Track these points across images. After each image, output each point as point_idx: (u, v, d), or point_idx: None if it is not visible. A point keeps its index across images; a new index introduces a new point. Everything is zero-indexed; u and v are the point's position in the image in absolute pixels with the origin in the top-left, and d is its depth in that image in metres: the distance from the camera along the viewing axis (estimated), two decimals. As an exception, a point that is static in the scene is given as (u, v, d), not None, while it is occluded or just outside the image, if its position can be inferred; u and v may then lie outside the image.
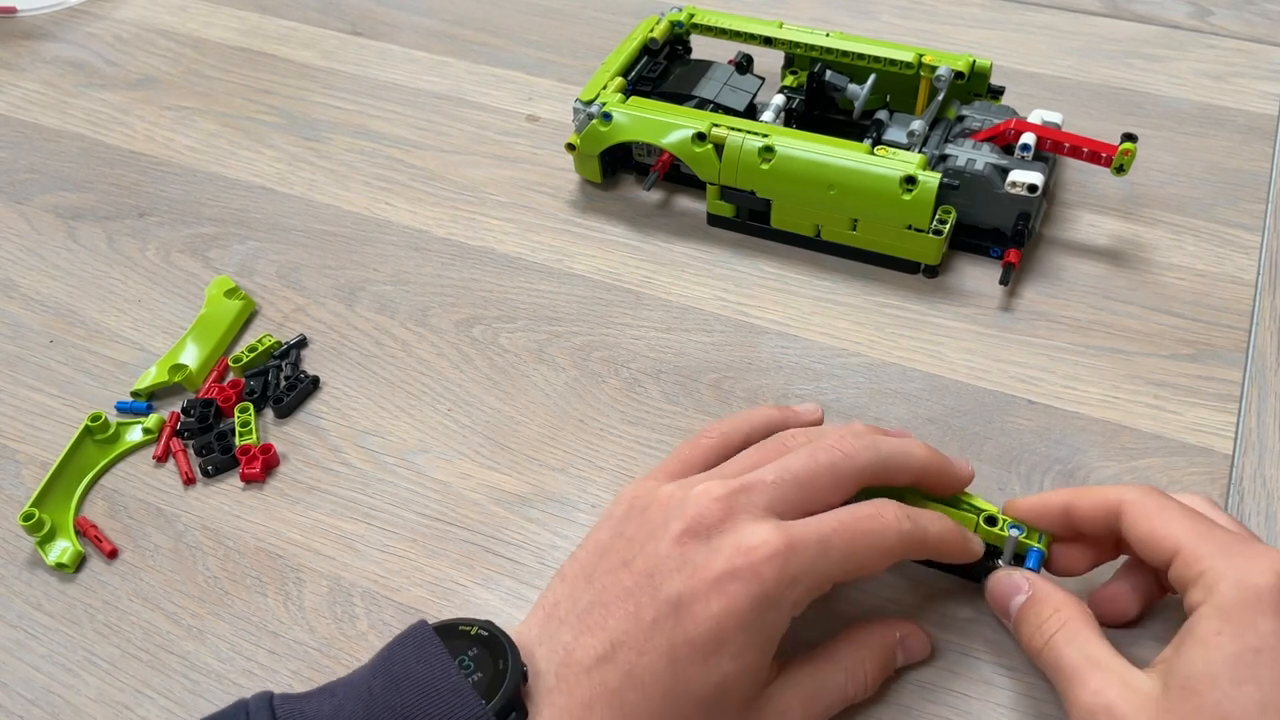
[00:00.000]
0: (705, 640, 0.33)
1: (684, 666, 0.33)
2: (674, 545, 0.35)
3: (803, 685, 0.37)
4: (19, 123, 0.69)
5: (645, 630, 0.34)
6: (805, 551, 0.35)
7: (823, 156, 0.53)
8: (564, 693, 0.34)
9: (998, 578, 0.39)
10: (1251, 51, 0.67)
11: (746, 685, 0.35)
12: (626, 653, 0.34)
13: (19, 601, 0.45)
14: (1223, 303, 0.52)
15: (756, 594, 0.34)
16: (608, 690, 0.33)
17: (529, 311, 0.54)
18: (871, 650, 0.39)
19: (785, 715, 0.36)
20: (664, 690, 0.33)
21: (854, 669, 0.38)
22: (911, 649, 0.40)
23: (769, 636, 0.35)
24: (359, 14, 0.77)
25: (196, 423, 0.50)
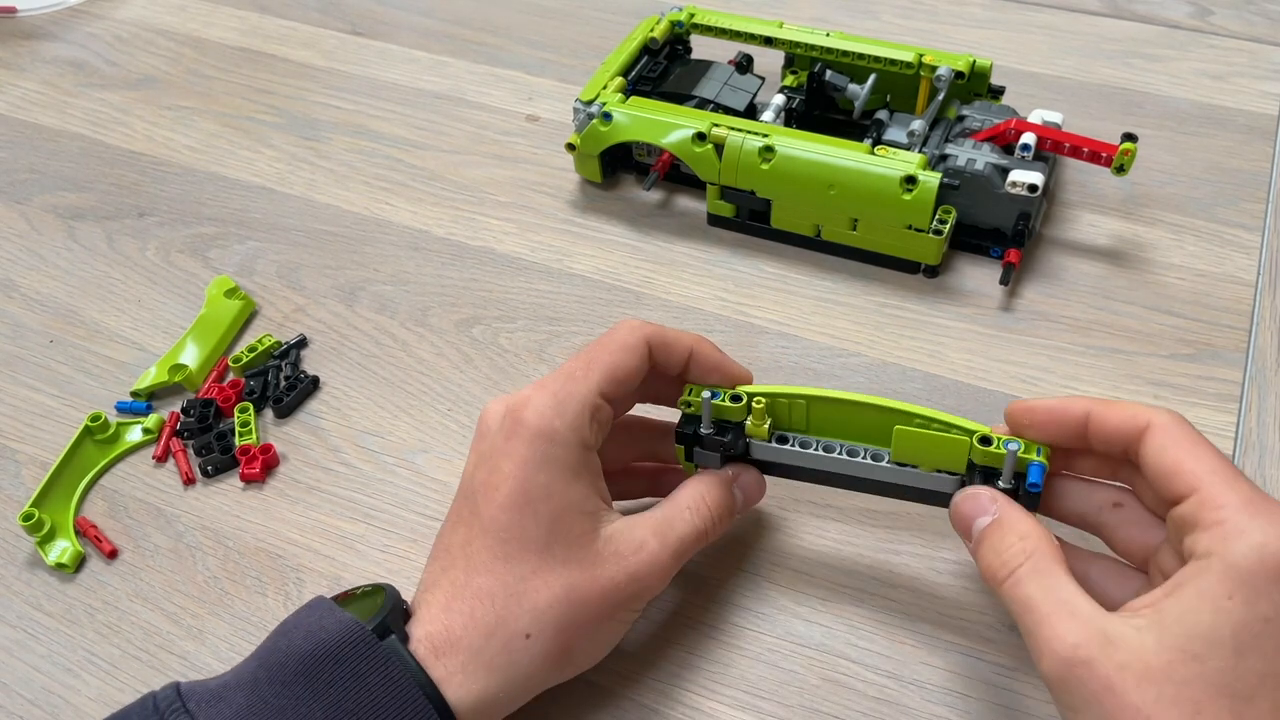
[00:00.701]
0: (513, 497, 0.36)
1: (508, 529, 0.36)
2: (471, 456, 0.38)
3: (649, 520, 0.38)
4: (19, 123, 0.69)
5: (467, 527, 0.36)
6: (551, 383, 0.37)
7: (823, 156, 0.53)
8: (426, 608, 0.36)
9: (965, 495, 0.37)
10: (1251, 51, 0.67)
11: (575, 519, 0.36)
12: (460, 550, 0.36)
13: (19, 601, 0.45)
14: (1223, 303, 0.52)
15: (530, 435, 0.36)
16: (456, 586, 0.36)
17: (529, 311, 0.54)
18: (707, 486, 0.40)
19: (642, 548, 0.37)
20: (505, 559, 0.35)
21: (695, 504, 0.39)
22: (746, 485, 0.41)
23: (570, 467, 0.36)
24: (359, 14, 0.77)
25: (196, 423, 0.50)
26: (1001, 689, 0.40)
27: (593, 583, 0.36)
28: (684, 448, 0.40)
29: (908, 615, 0.42)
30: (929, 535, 0.44)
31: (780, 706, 0.40)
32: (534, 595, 0.35)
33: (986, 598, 0.42)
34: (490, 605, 0.35)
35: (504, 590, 0.35)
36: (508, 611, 0.35)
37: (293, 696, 0.33)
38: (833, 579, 0.43)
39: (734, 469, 0.41)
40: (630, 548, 0.37)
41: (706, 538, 0.39)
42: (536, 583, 0.35)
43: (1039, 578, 0.32)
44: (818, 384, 0.50)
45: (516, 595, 0.35)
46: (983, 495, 0.36)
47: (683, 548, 0.38)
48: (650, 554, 0.37)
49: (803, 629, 0.42)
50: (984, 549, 0.35)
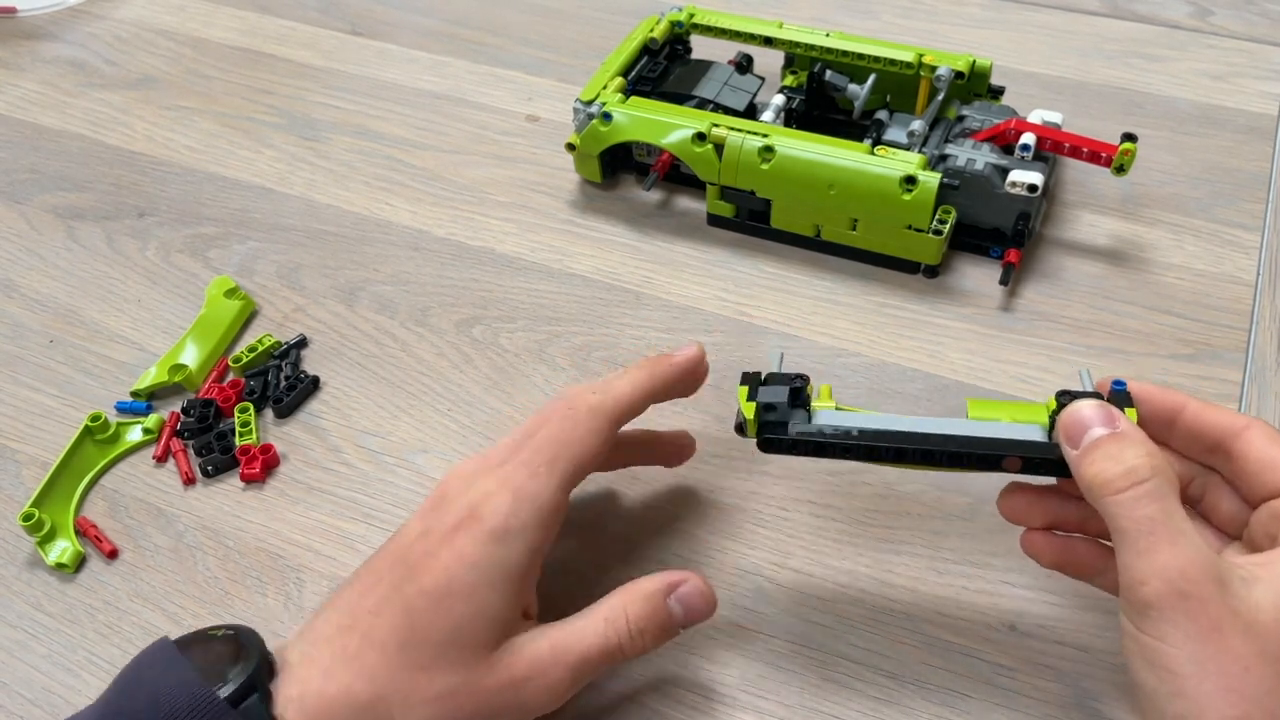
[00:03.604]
0: (437, 587, 0.35)
1: (419, 616, 0.34)
2: (419, 520, 0.37)
3: (552, 635, 0.36)
4: (19, 123, 0.69)
5: (382, 595, 0.35)
6: (515, 478, 0.36)
7: (823, 156, 0.53)
8: (307, 665, 0.35)
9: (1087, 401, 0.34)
10: (1251, 51, 0.67)
11: (484, 627, 0.35)
12: (365, 617, 0.35)
13: (19, 602, 0.45)
14: (1223, 303, 0.52)
15: (480, 533, 0.35)
16: (346, 654, 0.34)
17: (529, 311, 0.54)
18: (634, 599, 0.37)
19: (535, 663, 0.35)
20: (400, 642, 0.34)
21: (613, 618, 0.36)
22: (688, 599, 0.37)
23: (505, 575, 0.35)
24: (359, 14, 0.77)
25: (196, 423, 0.50)
26: (1001, 689, 0.40)
27: (474, 692, 0.35)
28: (747, 389, 0.37)
29: (908, 615, 0.42)
30: (929, 535, 0.44)
31: (780, 706, 0.40)
32: (413, 689, 0.34)
33: (986, 597, 0.42)
34: (369, 685, 0.34)
35: (388, 675, 0.34)
36: (384, 697, 0.34)
37: None
38: (833, 579, 0.43)
39: (674, 578, 0.37)
40: (524, 662, 0.35)
41: (621, 654, 0.36)
42: (421, 678, 0.34)
43: (1163, 499, 0.31)
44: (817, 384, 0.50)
45: (397, 684, 0.34)
46: (1108, 406, 0.34)
47: (584, 666, 0.36)
48: (542, 669, 0.35)
49: (803, 629, 0.42)
50: (1100, 455, 0.32)
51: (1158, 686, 0.30)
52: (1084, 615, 0.41)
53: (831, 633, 0.41)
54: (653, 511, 0.46)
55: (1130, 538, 0.31)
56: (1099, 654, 0.40)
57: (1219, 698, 0.29)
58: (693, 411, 0.49)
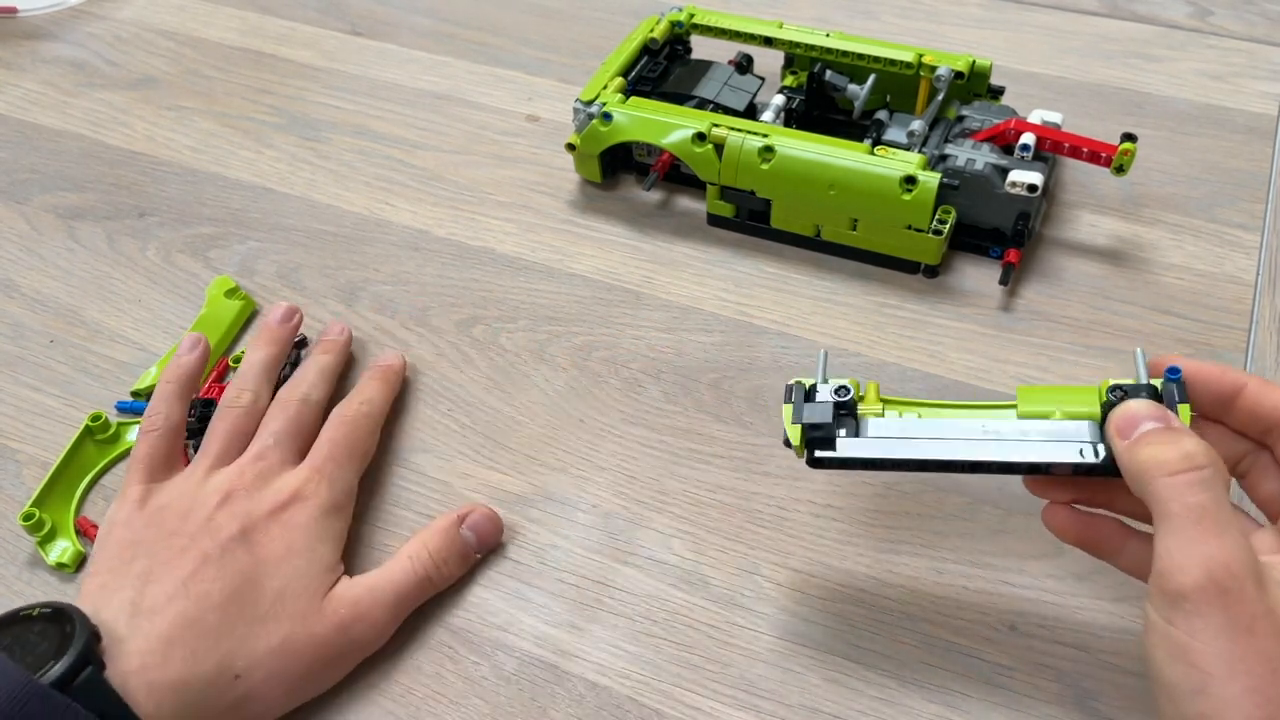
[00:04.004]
0: (277, 552, 0.40)
1: (261, 578, 0.39)
2: (219, 509, 0.41)
3: (367, 580, 0.41)
4: (19, 123, 0.69)
5: (216, 562, 0.39)
6: (327, 467, 0.44)
7: (823, 156, 0.53)
8: (140, 636, 0.36)
9: (1141, 402, 0.34)
10: (1251, 51, 0.67)
11: (317, 575, 0.40)
12: (199, 584, 0.38)
13: (20, 601, 0.44)
14: (1222, 303, 0.52)
15: (315, 507, 0.42)
16: (185, 620, 0.37)
17: (529, 311, 0.54)
18: (431, 535, 0.43)
19: (355, 604, 0.40)
20: (241, 601, 0.38)
21: (416, 553, 0.42)
22: (479, 525, 0.44)
23: (335, 535, 0.42)
24: (359, 14, 0.77)
25: (197, 423, 0.49)
26: (1001, 689, 0.40)
27: (309, 638, 0.39)
28: (791, 407, 0.37)
29: (908, 615, 0.42)
30: (929, 535, 0.44)
31: (780, 706, 0.40)
32: (254, 642, 0.38)
33: (987, 597, 0.42)
34: (214, 645, 0.37)
35: (229, 629, 0.37)
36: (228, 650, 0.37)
37: None
38: (833, 579, 0.43)
39: (463, 510, 0.44)
40: (346, 605, 0.40)
41: (430, 584, 0.42)
42: (259, 630, 0.38)
43: (1215, 490, 0.31)
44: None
45: (238, 638, 0.37)
46: (1161, 407, 0.34)
47: (401, 598, 0.41)
48: (363, 609, 0.40)
49: (803, 629, 0.42)
50: (1155, 439, 0.32)
51: (1181, 682, 0.29)
52: (1084, 615, 0.41)
53: (831, 633, 0.41)
54: (653, 510, 0.46)
55: (1176, 523, 0.30)
56: (1099, 654, 0.40)
57: (1244, 698, 0.28)
58: (693, 411, 0.49)
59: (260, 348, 0.49)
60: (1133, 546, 0.36)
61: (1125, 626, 0.41)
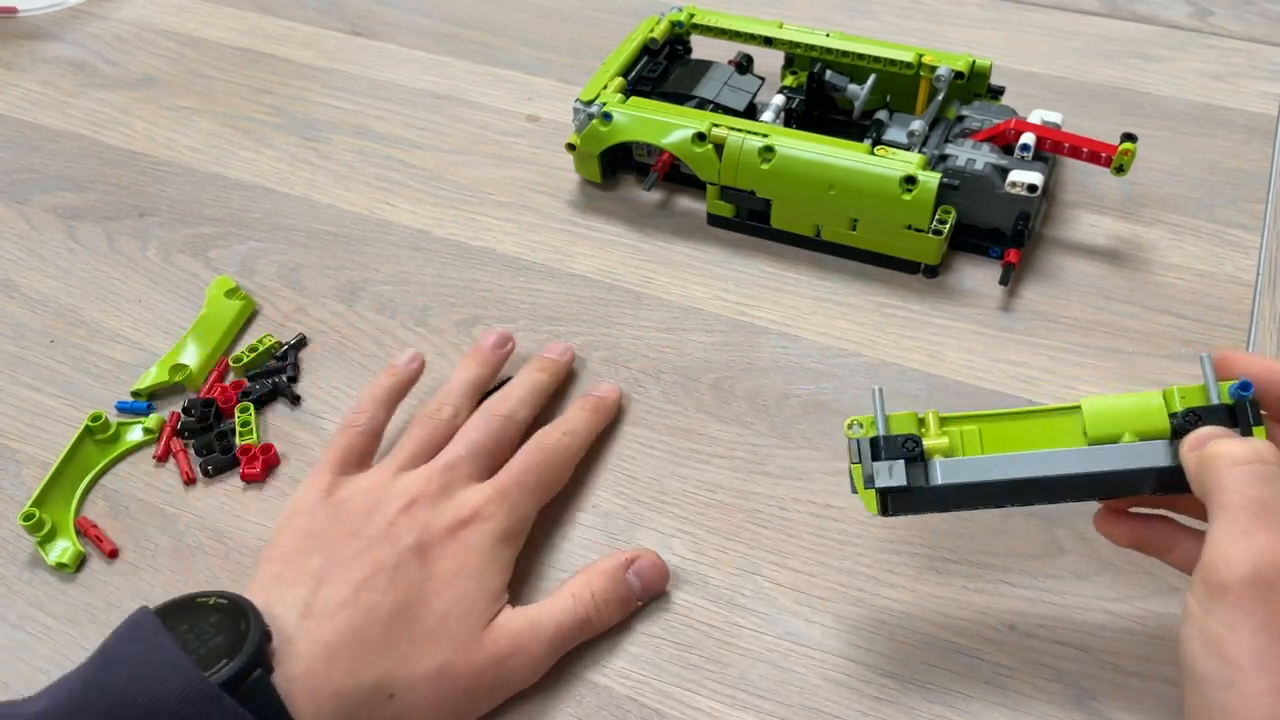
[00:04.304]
0: (448, 571, 0.39)
1: (429, 597, 0.39)
2: (401, 512, 0.41)
3: (529, 613, 0.40)
4: (19, 123, 0.69)
5: (389, 573, 0.38)
6: (513, 492, 0.42)
7: (823, 156, 0.53)
8: (307, 641, 0.36)
9: (1211, 427, 0.34)
10: (1251, 51, 0.67)
11: (484, 602, 0.39)
12: (370, 594, 0.38)
13: (20, 602, 0.45)
14: (1222, 303, 0.52)
15: (491, 531, 0.41)
16: (352, 630, 0.37)
17: (529, 311, 0.54)
18: (596, 575, 0.42)
19: (515, 638, 0.39)
20: (407, 619, 0.38)
21: (579, 593, 0.41)
22: (644, 571, 0.42)
23: (504, 563, 0.41)
24: (359, 14, 0.77)
25: (197, 423, 0.50)
26: (1001, 689, 0.40)
27: (466, 667, 0.38)
28: (859, 467, 0.36)
29: (908, 615, 0.42)
30: (929, 535, 0.44)
31: (780, 706, 0.40)
32: (413, 663, 0.37)
33: (987, 597, 0.42)
34: (374, 657, 0.37)
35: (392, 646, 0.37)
36: (387, 667, 0.37)
37: None
38: (833, 579, 0.43)
39: (630, 554, 0.43)
40: (507, 638, 0.39)
41: (589, 626, 0.41)
42: (419, 651, 0.37)
43: (1276, 488, 0.30)
44: (817, 384, 0.50)
45: (399, 656, 0.37)
46: (1230, 430, 0.34)
47: (560, 636, 0.40)
48: (522, 644, 0.39)
49: (803, 629, 0.42)
50: (1226, 440, 0.32)
51: (1212, 675, 0.29)
52: (1084, 615, 0.41)
53: (832, 633, 0.42)
54: (652, 510, 0.46)
55: (1232, 514, 0.30)
56: (1099, 654, 0.40)
57: (1269, 697, 0.28)
58: (693, 411, 0.49)
59: (470, 367, 0.48)
60: (1185, 544, 0.36)
61: (1125, 626, 0.41)
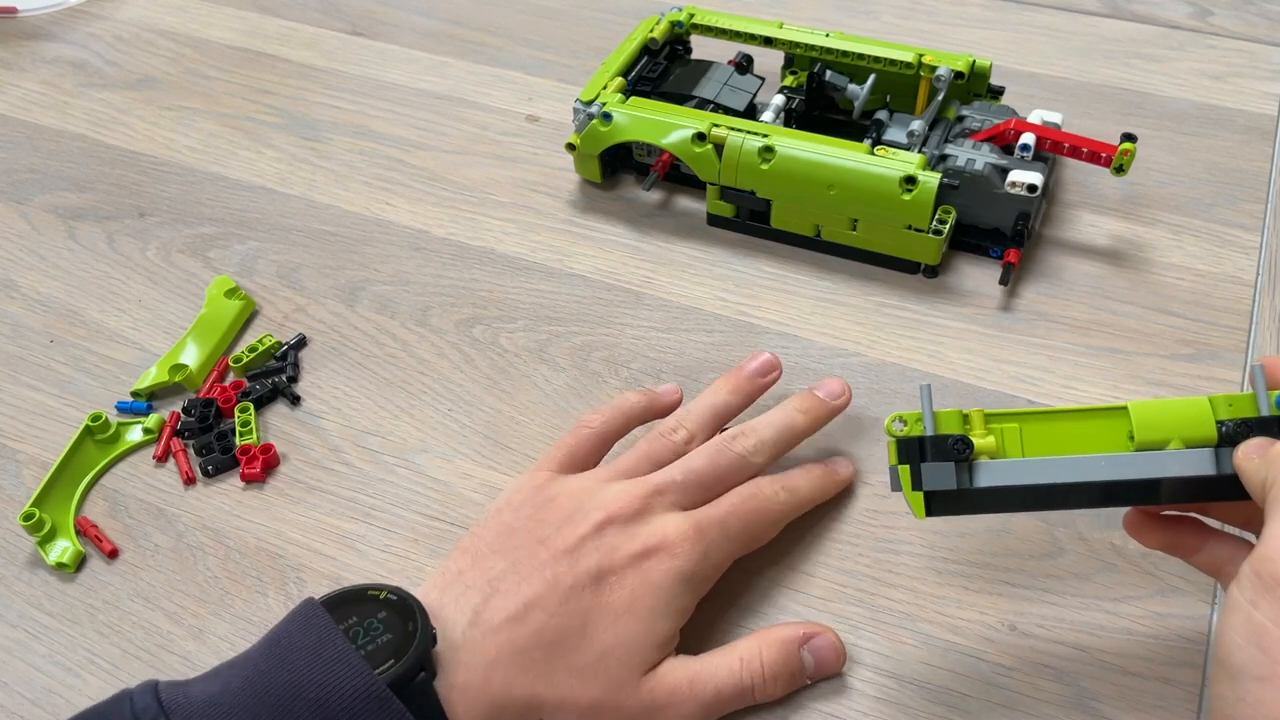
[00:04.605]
0: (619, 605, 0.37)
1: (593, 626, 0.36)
2: (593, 529, 0.38)
3: (692, 667, 0.38)
4: (19, 123, 0.69)
5: (561, 595, 0.37)
6: (711, 532, 0.39)
7: (823, 156, 0.53)
8: (470, 650, 0.35)
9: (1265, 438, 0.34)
10: (1251, 51, 0.67)
11: (650, 649, 0.37)
12: (538, 614, 0.36)
13: (19, 601, 0.45)
14: (1222, 303, 0.52)
15: (674, 570, 0.38)
16: (514, 647, 0.36)
17: (529, 311, 0.54)
18: (770, 644, 0.39)
19: (674, 693, 0.37)
20: (568, 648, 0.36)
21: (749, 659, 0.38)
22: (820, 651, 0.40)
23: (680, 608, 0.38)
24: (359, 14, 0.77)
25: (197, 423, 0.50)
26: (1001, 689, 0.40)
27: (618, 710, 0.36)
28: (909, 468, 0.35)
29: (908, 615, 0.42)
30: (929, 535, 0.44)
31: (780, 706, 0.40)
32: (568, 694, 0.36)
33: (987, 597, 0.42)
34: (531, 682, 0.35)
35: (550, 672, 0.36)
36: (541, 692, 0.36)
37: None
38: (833, 579, 0.43)
39: (811, 629, 0.40)
40: (664, 689, 0.37)
41: (751, 696, 0.38)
42: (576, 684, 0.36)
43: None
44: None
45: (555, 683, 0.36)
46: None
47: (719, 701, 0.38)
48: (679, 700, 0.37)
49: (803, 629, 0.42)
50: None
51: (1250, 666, 0.29)
52: (1084, 615, 0.41)
53: (831, 632, 0.41)
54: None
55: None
56: (1099, 654, 0.40)
57: None
58: (693, 411, 0.49)
59: (720, 391, 0.45)
60: (1212, 545, 0.37)
61: (1125, 626, 0.41)
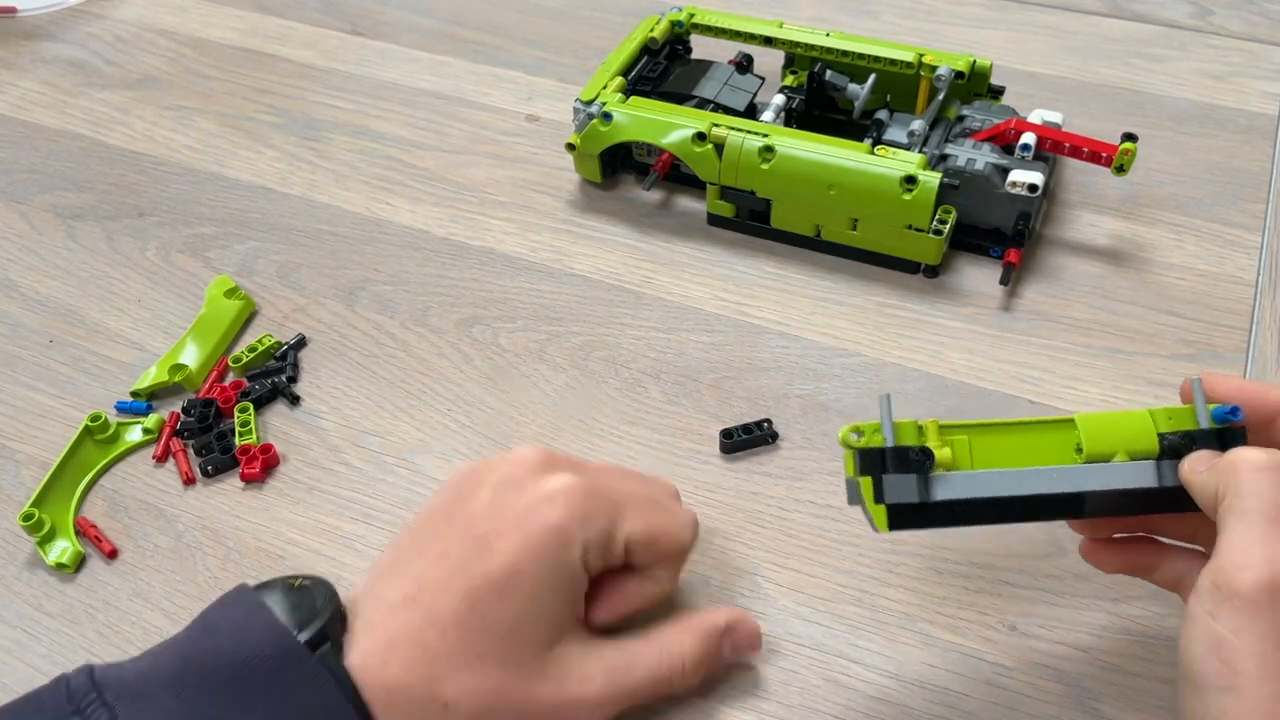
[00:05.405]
0: (502, 575, 0.35)
1: (482, 603, 0.35)
2: (489, 493, 0.37)
3: (608, 655, 0.37)
4: (19, 123, 0.69)
5: (450, 570, 0.35)
6: (601, 497, 0.37)
7: (823, 156, 0.53)
8: (371, 631, 0.35)
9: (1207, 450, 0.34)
10: (1251, 51, 0.67)
11: (542, 629, 0.35)
12: (431, 592, 0.35)
13: (19, 602, 0.45)
14: (1223, 303, 0.52)
15: (551, 524, 0.35)
16: (410, 628, 0.35)
17: (529, 311, 0.54)
18: (690, 633, 0.38)
19: (587, 681, 0.36)
20: (462, 627, 0.35)
21: (668, 649, 0.37)
22: (739, 639, 0.39)
23: (562, 579, 0.36)
24: (359, 14, 0.77)
25: (196, 423, 0.50)
26: (1001, 689, 0.40)
27: (524, 694, 0.35)
28: (870, 480, 0.35)
29: (908, 615, 0.42)
30: (929, 535, 0.44)
31: (780, 706, 0.40)
32: (469, 676, 0.34)
33: (987, 597, 0.42)
34: (428, 667, 0.34)
35: (448, 659, 0.34)
36: (440, 679, 0.34)
37: (220, 706, 0.32)
38: (833, 579, 0.43)
39: (730, 618, 0.39)
40: (575, 677, 0.36)
41: (669, 688, 0.38)
42: (476, 666, 0.35)
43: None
44: (817, 384, 0.50)
45: (455, 669, 0.34)
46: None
47: (635, 693, 0.37)
48: (593, 689, 0.36)
49: (803, 629, 0.42)
50: (1247, 448, 0.32)
51: (1213, 678, 0.29)
52: (1084, 615, 0.41)
53: (831, 632, 0.41)
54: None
55: (1252, 519, 0.30)
56: (1099, 654, 0.40)
57: (1273, 703, 0.28)
58: (693, 413, 0.49)
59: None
60: (1168, 561, 0.37)
61: (1125, 626, 0.41)
